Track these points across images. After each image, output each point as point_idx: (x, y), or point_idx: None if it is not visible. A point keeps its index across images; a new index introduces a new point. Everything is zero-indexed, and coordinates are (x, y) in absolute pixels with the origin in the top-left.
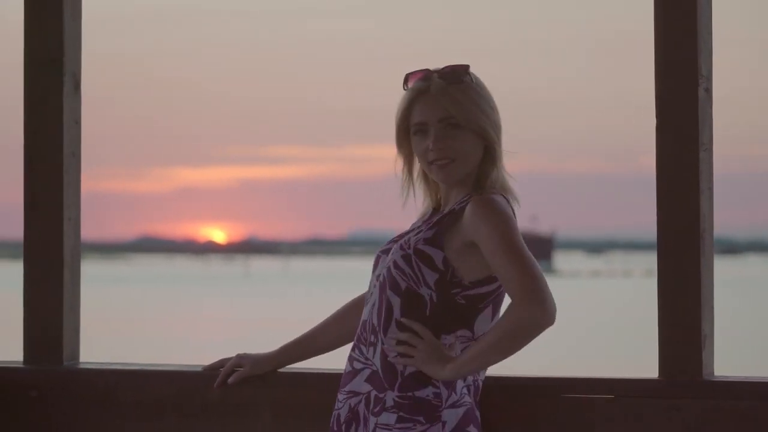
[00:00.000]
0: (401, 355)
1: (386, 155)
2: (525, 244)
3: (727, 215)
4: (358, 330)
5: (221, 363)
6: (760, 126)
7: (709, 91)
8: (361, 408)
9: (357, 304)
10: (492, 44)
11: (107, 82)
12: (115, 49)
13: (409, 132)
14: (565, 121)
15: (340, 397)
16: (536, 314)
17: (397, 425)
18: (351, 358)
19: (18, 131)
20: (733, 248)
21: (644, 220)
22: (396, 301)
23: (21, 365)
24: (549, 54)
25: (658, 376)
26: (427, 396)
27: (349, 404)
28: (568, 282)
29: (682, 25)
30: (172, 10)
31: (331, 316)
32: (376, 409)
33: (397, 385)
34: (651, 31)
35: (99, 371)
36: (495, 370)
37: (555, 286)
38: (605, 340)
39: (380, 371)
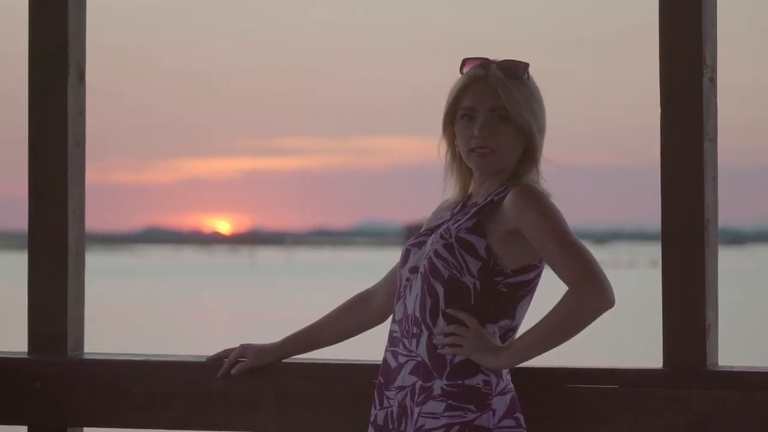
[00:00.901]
0: (450, 346)
1: (392, 147)
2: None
3: (732, 206)
4: (398, 326)
5: (225, 353)
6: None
7: (713, 80)
8: (407, 401)
9: (363, 299)
10: (500, 37)
11: (114, 74)
12: (122, 41)
13: (455, 115)
14: (570, 112)
15: (390, 394)
16: (596, 298)
17: (446, 413)
18: (395, 354)
19: (23, 122)
20: (738, 239)
21: (649, 211)
22: (440, 290)
23: (26, 356)
24: (557, 46)
25: (663, 366)
26: (477, 384)
27: (398, 399)
28: None
29: (686, 14)
30: (180, 4)
31: (336, 309)
32: (420, 399)
33: (445, 373)
34: (656, 22)
35: (103, 362)
36: None
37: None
38: (610, 330)
39: (427, 361)
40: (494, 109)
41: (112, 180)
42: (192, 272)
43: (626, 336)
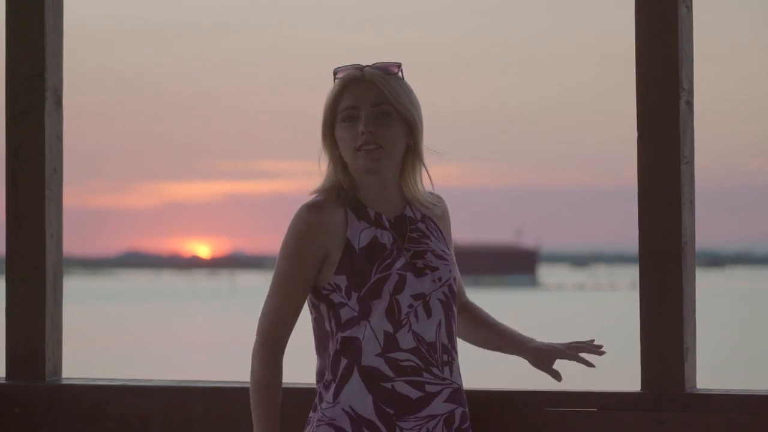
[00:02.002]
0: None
1: None
2: None
3: (711, 228)
4: (415, 355)
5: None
6: (745, 139)
7: (690, 104)
8: (440, 429)
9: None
10: (478, 58)
11: (92, 98)
12: (100, 63)
13: (335, 121)
14: (550, 134)
15: (406, 425)
16: None
17: None
18: (416, 383)
19: (0, 147)
20: (718, 261)
21: (629, 233)
22: (455, 316)
23: (4, 381)
24: (532, 68)
25: (641, 389)
26: None
27: (426, 428)
28: (552, 295)
29: (662, 38)
30: (157, 24)
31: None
32: (465, 426)
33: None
34: (633, 45)
35: (82, 387)
36: (479, 383)
37: (539, 299)
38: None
39: (462, 387)
40: (377, 104)
41: (91, 204)
42: (172, 296)
43: (606, 358)
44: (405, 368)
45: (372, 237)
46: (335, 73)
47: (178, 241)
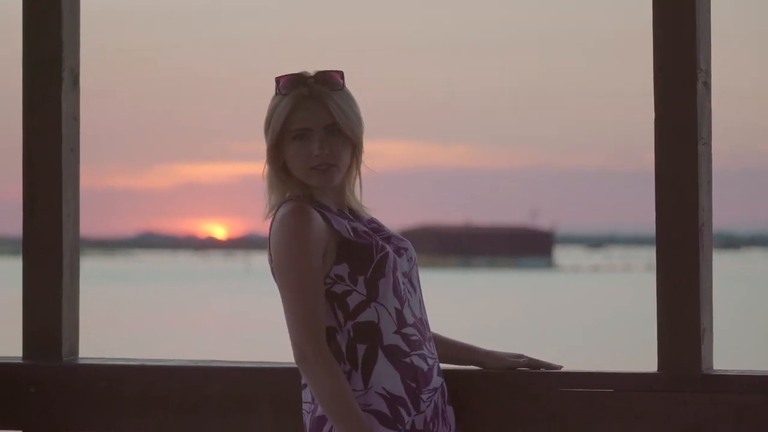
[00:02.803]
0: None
1: (387, 151)
2: None
3: (728, 210)
4: (416, 330)
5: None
6: (763, 120)
7: (707, 84)
8: (438, 401)
9: None
10: (494, 38)
11: (109, 78)
12: (117, 44)
13: (285, 137)
14: (566, 116)
15: (424, 397)
16: None
17: None
18: (423, 357)
19: (17, 128)
20: (734, 243)
21: (645, 215)
22: None
23: (21, 361)
24: (549, 48)
25: (657, 371)
26: None
27: (433, 401)
28: (568, 277)
29: (680, 19)
30: (174, 5)
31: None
32: (447, 399)
33: None
34: (650, 26)
35: (98, 367)
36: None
37: (556, 280)
38: (606, 335)
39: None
40: (328, 126)
41: (107, 184)
42: (187, 277)
43: (622, 339)
44: (415, 342)
45: (354, 226)
46: (277, 83)
47: (194, 222)
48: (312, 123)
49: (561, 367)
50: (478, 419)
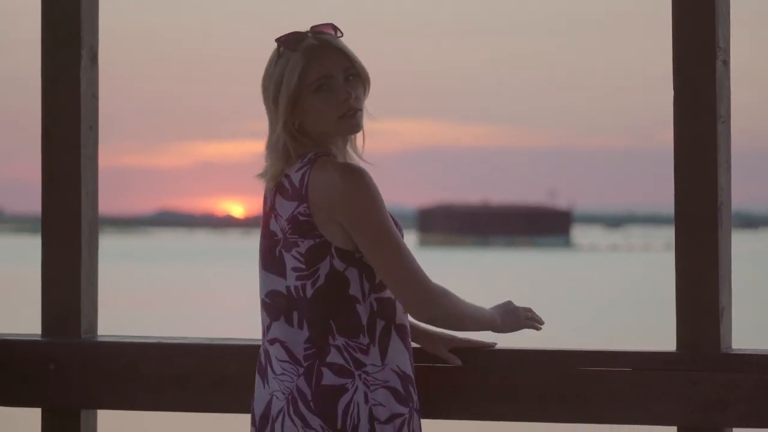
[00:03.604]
0: None
1: (406, 129)
2: None
3: (746, 189)
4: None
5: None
6: None
7: (726, 63)
8: None
9: None
10: (510, 18)
11: (127, 57)
12: (133, 24)
13: (302, 93)
14: (584, 96)
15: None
16: None
17: None
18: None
19: (36, 106)
20: (751, 222)
21: (664, 194)
22: None
23: (39, 338)
24: (567, 27)
25: (676, 350)
26: None
27: None
28: (586, 256)
29: None
30: None
31: None
32: None
33: None
34: (669, 4)
35: (117, 344)
36: (513, 342)
37: (574, 259)
38: (624, 314)
39: None
40: (346, 70)
41: (124, 163)
42: (205, 255)
43: (640, 319)
44: (410, 323)
45: None
46: (281, 42)
47: (211, 201)
48: (332, 69)
49: (494, 344)
50: (496, 397)
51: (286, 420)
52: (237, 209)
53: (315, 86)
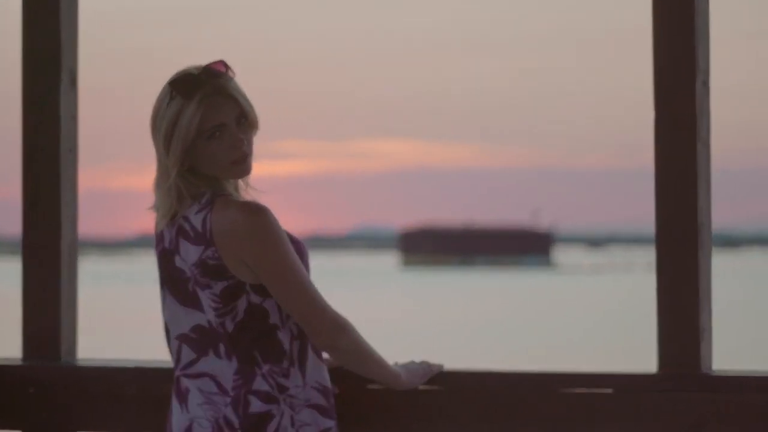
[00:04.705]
0: None
1: (388, 150)
2: None
3: (727, 209)
4: None
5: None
6: (762, 120)
7: (706, 84)
8: None
9: None
10: (490, 38)
11: (107, 78)
12: (116, 44)
13: (196, 140)
14: (566, 116)
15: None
16: None
17: None
18: None
19: (17, 128)
20: (732, 242)
21: (645, 215)
22: None
23: (20, 362)
24: (548, 48)
25: (657, 371)
26: None
27: None
28: (568, 276)
29: (679, 18)
30: (170, 5)
31: None
32: None
33: None
34: (649, 25)
35: (97, 368)
36: (492, 364)
37: (555, 280)
38: (605, 335)
39: None
40: (238, 117)
41: (106, 185)
42: None
43: (622, 339)
44: None
45: None
46: (174, 86)
47: None
48: (226, 118)
49: (441, 366)
50: (476, 420)
51: None
52: None
53: (208, 134)
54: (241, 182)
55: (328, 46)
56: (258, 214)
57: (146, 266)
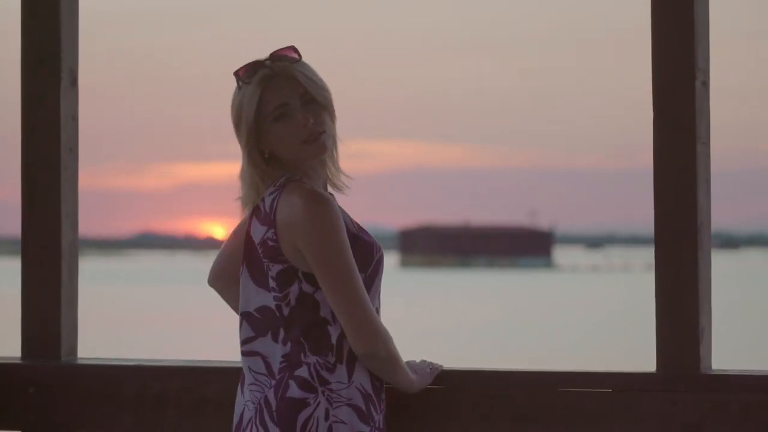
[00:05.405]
0: None
1: (386, 151)
2: None
3: (726, 209)
4: None
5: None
6: (760, 120)
7: (706, 84)
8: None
9: None
10: (490, 38)
11: (108, 78)
12: (116, 44)
13: (262, 124)
14: (565, 115)
15: (383, 396)
16: None
17: None
18: None
19: (16, 128)
20: (732, 242)
21: (644, 215)
22: None
23: (19, 361)
24: (548, 48)
25: (656, 370)
26: None
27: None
28: (567, 276)
29: (678, 18)
30: (177, 6)
31: None
32: None
33: None
34: (648, 25)
35: (97, 367)
36: (492, 363)
37: (554, 280)
38: (604, 335)
39: None
40: (302, 95)
41: (106, 185)
42: (186, 277)
43: (620, 340)
44: None
45: (350, 219)
46: (237, 75)
47: (193, 222)
48: (287, 97)
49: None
50: (476, 419)
51: (252, 429)
52: (218, 231)
53: (273, 115)
54: (332, 168)
55: (328, 46)
56: (317, 203)
57: (145, 266)
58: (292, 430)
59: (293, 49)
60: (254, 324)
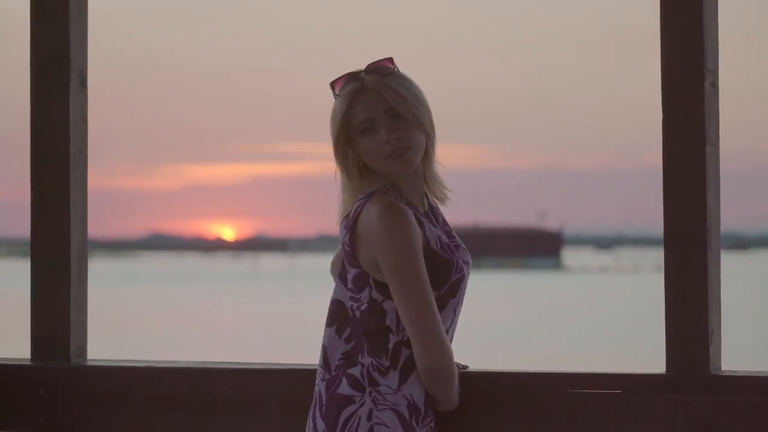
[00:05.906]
0: None
1: None
2: None
3: (735, 210)
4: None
5: None
6: (760, 120)
7: (715, 85)
8: None
9: None
10: (495, 38)
11: (116, 80)
12: (125, 45)
13: (349, 138)
14: (573, 116)
15: (430, 412)
16: None
17: None
18: None
19: (25, 129)
20: (741, 243)
21: (653, 216)
22: None
23: (29, 362)
24: (555, 48)
25: (666, 371)
26: None
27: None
28: (576, 278)
29: (687, 18)
30: (179, 6)
31: None
32: None
33: None
34: (657, 26)
35: (106, 368)
36: (501, 365)
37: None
38: (613, 336)
39: None
40: (389, 111)
41: (114, 186)
42: (195, 278)
43: (630, 340)
44: None
45: (437, 236)
46: (333, 86)
47: (202, 224)
48: (372, 112)
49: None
50: (486, 419)
51: (309, 420)
52: (227, 232)
53: (360, 129)
54: (429, 180)
55: (328, 46)
56: (392, 215)
57: (154, 267)
58: (335, 425)
59: (390, 60)
60: (329, 314)
